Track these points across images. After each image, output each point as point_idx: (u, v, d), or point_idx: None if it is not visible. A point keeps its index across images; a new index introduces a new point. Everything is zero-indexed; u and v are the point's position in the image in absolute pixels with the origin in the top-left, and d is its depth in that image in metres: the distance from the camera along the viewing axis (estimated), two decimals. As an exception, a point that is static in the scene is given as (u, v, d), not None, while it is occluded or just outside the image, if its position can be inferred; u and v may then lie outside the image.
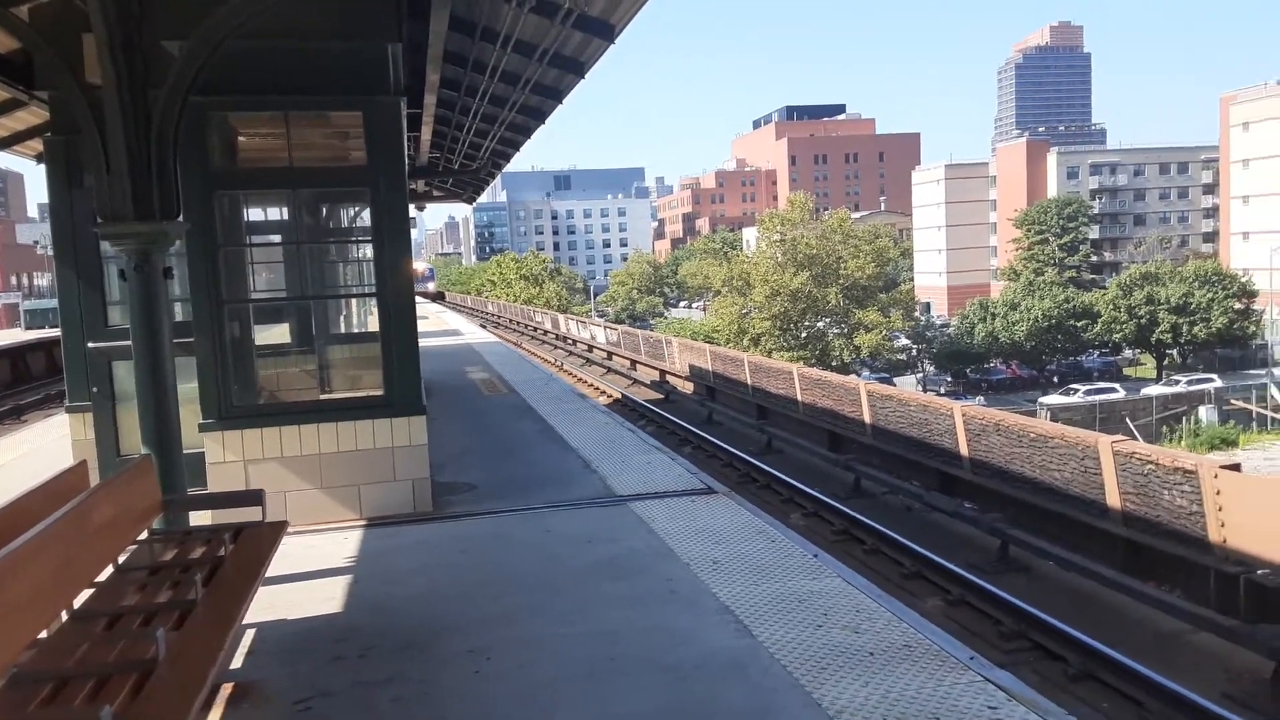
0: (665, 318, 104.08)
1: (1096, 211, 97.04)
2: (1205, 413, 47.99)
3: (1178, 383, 55.10)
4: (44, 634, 3.92)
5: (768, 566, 6.34)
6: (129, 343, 5.99)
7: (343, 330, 14.01)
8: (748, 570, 6.27)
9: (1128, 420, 45.34)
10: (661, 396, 24.93)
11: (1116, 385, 58.21)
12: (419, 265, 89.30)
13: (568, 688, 4.74)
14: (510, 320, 60.00)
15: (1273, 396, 49.89)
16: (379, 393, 8.17)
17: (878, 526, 11.21)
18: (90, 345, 8.73)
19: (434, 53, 9.49)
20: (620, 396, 23.93)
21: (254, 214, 11.00)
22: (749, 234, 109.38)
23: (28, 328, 40.67)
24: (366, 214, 9.28)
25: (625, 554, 6.79)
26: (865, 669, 4.77)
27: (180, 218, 5.93)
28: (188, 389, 7.36)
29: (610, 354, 36.04)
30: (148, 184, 5.74)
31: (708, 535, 7.11)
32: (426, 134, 15.09)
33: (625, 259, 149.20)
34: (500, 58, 10.63)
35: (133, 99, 5.66)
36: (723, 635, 5.25)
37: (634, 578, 6.28)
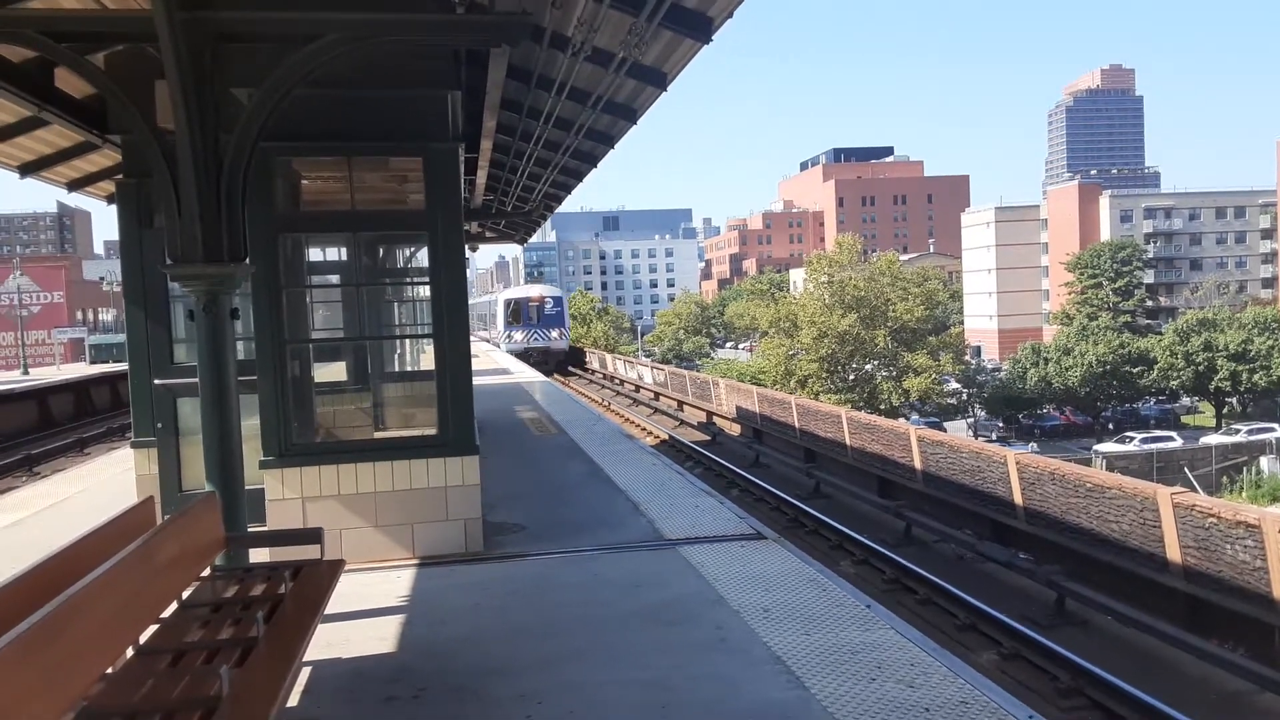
0: (711, 358, 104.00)
1: (1151, 256, 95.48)
2: (1267, 463, 46.63)
3: (1237, 432, 53.73)
4: (111, 669, 4.01)
5: (819, 616, 6.28)
6: (194, 380, 6.15)
7: (398, 369, 14.21)
8: (799, 619, 6.21)
9: (1186, 470, 44.22)
10: (708, 438, 24.88)
11: (1174, 434, 56.84)
12: (535, 289, 56.58)
13: (619, 735, 4.72)
14: (558, 359, 60.26)
15: (1337, 447, 48.35)
16: (433, 432, 8.26)
17: (930, 576, 11.04)
18: (156, 381, 8.95)
19: (491, 100, 9.69)
20: (667, 437, 23.90)
21: (314, 254, 11.25)
22: (796, 275, 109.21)
23: (92, 362, 41.76)
24: (424, 255, 9.44)
25: (674, 600, 6.76)
26: (921, 725, 4.69)
27: (247, 260, 6.10)
28: (249, 426, 7.53)
29: (657, 394, 36.05)
30: (217, 227, 5.92)
31: (757, 582, 7.06)
32: (481, 177, 15.36)
33: (672, 299, 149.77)
34: (555, 104, 10.84)
35: (204, 144, 5.85)
36: (775, 686, 5.20)
37: (683, 624, 6.24)
